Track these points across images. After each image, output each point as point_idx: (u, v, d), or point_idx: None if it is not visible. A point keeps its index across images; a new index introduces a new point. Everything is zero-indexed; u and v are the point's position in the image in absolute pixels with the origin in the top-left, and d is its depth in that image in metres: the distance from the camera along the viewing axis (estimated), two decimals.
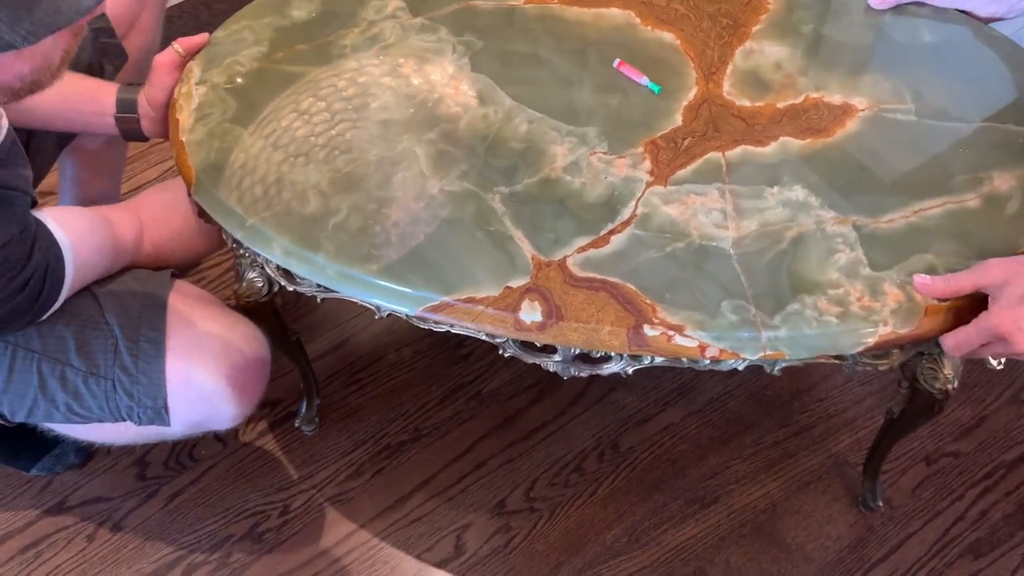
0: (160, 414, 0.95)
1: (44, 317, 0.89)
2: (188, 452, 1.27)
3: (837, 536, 1.20)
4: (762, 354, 0.81)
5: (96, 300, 0.94)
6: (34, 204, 0.87)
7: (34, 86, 0.72)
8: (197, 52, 1.04)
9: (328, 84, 1.02)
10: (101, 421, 0.96)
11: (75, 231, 0.89)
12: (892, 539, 1.20)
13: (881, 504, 1.21)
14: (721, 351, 0.81)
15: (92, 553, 1.19)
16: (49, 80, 0.73)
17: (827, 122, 0.99)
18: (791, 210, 0.90)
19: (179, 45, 1.02)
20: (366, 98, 1.00)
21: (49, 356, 0.92)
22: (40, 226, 0.85)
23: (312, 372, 1.22)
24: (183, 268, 1.11)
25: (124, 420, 0.96)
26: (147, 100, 1.01)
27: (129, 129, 1.03)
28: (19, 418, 0.96)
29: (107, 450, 1.26)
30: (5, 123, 0.81)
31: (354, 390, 1.33)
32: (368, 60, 1.04)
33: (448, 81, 1.02)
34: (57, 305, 0.89)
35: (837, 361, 0.87)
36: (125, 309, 0.94)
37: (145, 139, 1.05)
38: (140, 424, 0.96)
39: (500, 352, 0.93)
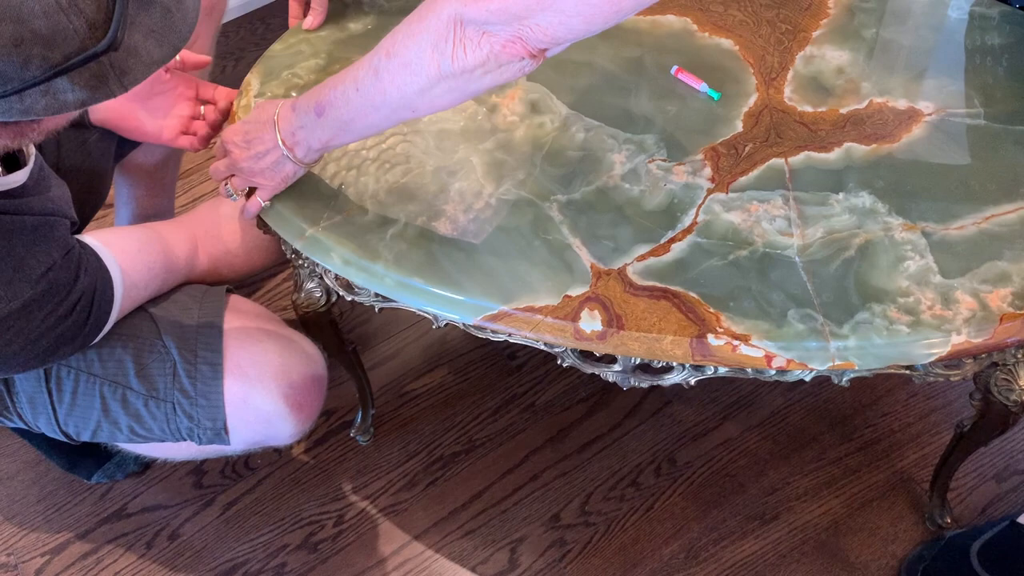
0: (220, 434, 0.95)
1: (96, 340, 0.90)
2: (244, 461, 1.28)
3: (903, 555, 1.16)
4: (831, 364, 0.79)
5: (153, 321, 0.95)
6: (74, 224, 0.87)
7: (56, 131, 0.72)
8: (193, 68, 1.04)
9: None
10: (163, 441, 0.97)
11: (123, 252, 0.90)
12: None
13: (949, 522, 1.16)
14: (788, 361, 0.79)
15: (150, 560, 1.20)
16: (65, 125, 0.73)
17: (892, 127, 0.97)
18: (857, 217, 0.88)
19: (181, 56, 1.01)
20: None
21: (110, 380, 0.93)
22: (85, 248, 0.85)
23: (368, 383, 1.22)
24: (240, 282, 1.12)
25: (185, 440, 0.96)
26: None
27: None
28: (84, 438, 0.98)
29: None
30: (33, 150, 0.83)
31: (408, 401, 1.33)
32: None
33: (503, 90, 1.02)
34: (108, 328, 0.90)
35: (907, 372, 0.84)
36: (182, 330, 0.95)
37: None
38: (201, 444, 0.96)
39: (558, 362, 0.91)
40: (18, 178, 0.79)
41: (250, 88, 1.04)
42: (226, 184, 0.93)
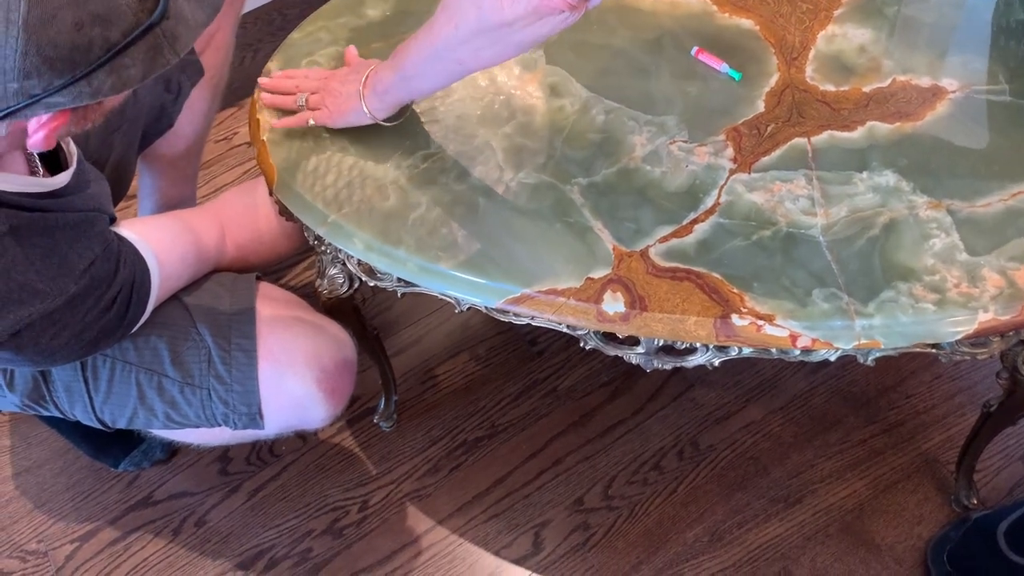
0: (255, 419, 0.96)
1: (134, 331, 0.91)
2: (269, 448, 1.29)
3: (929, 536, 1.16)
4: (856, 343, 0.78)
5: (186, 310, 0.96)
6: (112, 221, 0.89)
7: (114, 110, 0.74)
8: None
9: None
10: (198, 427, 0.98)
11: (159, 243, 0.91)
12: None
13: (976, 503, 1.16)
14: (813, 341, 0.78)
15: (178, 546, 1.21)
16: (122, 102, 0.75)
17: (916, 105, 0.96)
18: (882, 195, 0.87)
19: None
20: (443, 92, 1.00)
21: (146, 368, 0.94)
22: (123, 242, 0.86)
23: (390, 369, 1.23)
24: (265, 269, 1.13)
25: (220, 426, 0.97)
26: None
27: None
28: (120, 425, 0.99)
29: (189, 446, 1.29)
30: (75, 149, 0.84)
31: (430, 387, 1.34)
32: None
33: (522, 74, 1.02)
34: (145, 318, 0.91)
35: (933, 350, 0.84)
36: (215, 318, 0.96)
37: None
38: (236, 429, 0.97)
39: (581, 345, 0.92)
40: (62, 179, 0.81)
41: (270, 76, 1.04)
42: (304, 97, 0.97)
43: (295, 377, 0.95)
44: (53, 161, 0.84)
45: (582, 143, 0.94)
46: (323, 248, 0.97)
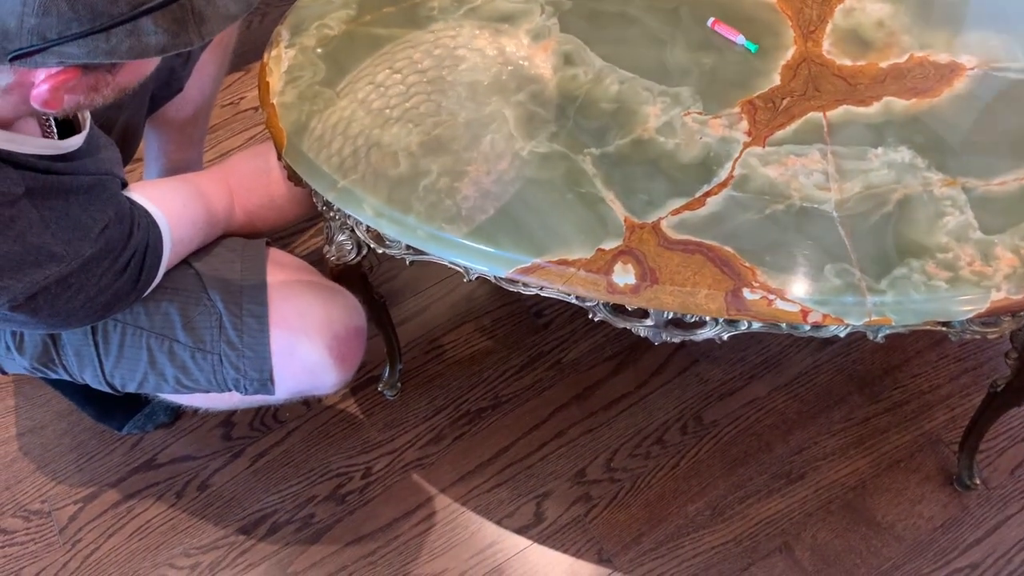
0: (266, 385, 0.96)
1: (145, 295, 0.91)
2: (273, 414, 1.29)
3: (930, 516, 1.16)
4: (867, 319, 0.78)
5: (198, 275, 0.95)
6: (124, 185, 0.88)
7: (127, 89, 0.74)
8: None
9: (418, 47, 1.01)
10: (208, 392, 0.98)
11: (170, 208, 0.90)
12: (988, 520, 1.15)
13: (978, 483, 1.16)
14: (824, 316, 0.78)
15: (181, 509, 1.22)
16: (136, 84, 0.75)
17: (933, 82, 0.95)
18: (896, 172, 0.87)
19: None
20: (454, 60, 0.99)
21: (156, 332, 0.94)
22: (135, 206, 0.86)
23: (396, 338, 1.22)
24: (272, 234, 1.12)
25: (231, 391, 0.97)
26: None
27: None
28: (129, 389, 0.99)
29: (194, 411, 1.29)
30: (87, 114, 0.83)
31: (435, 356, 1.33)
32: (456, 22, 1.03)
33: (536, 42, 1.01)
34: (156, 282, 0.91)
35: (943, 328, 0.83)
36: (226, 284, 0.95)
37: None
38: (246, 394, 0.97)
39: (589, 316, 0.91)
40: (74, 143, 0.81)
41: (280, 39, 1.03)
42: None
43: (308, 343, 0.95)
44: (66, 127, 0.84)
45: (595, 113, 0.94)
46: (332, 214, 0.97)
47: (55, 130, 0.83)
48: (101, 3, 0.60)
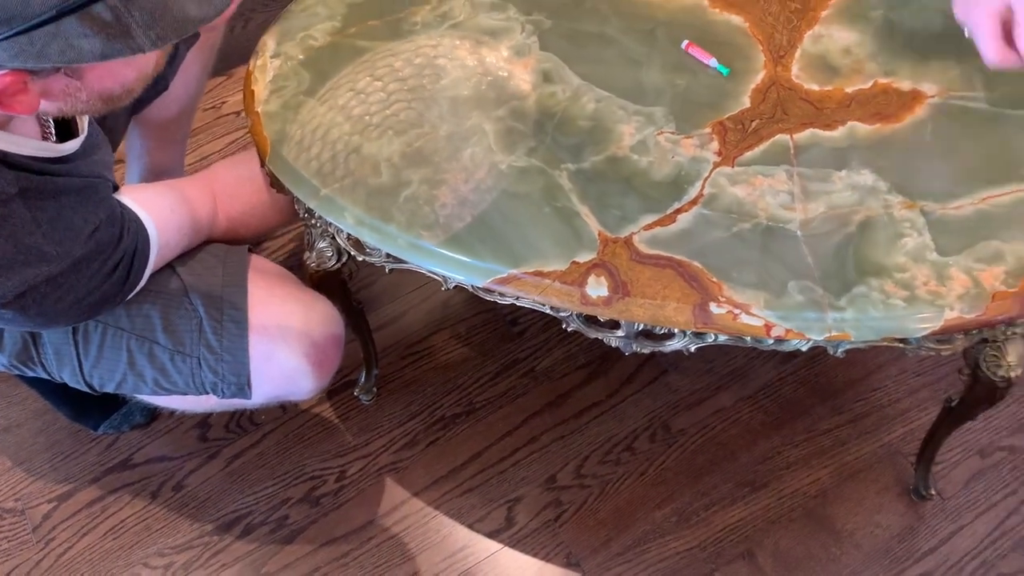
0: (243, 389, 0.98)
1: (129, 297, 0.92)
2: (249, 416, 1.30)
3: (887, 525, 1.20)
4: (827, 335, 0.82)
5: (180, 279, 0.97)
6: (115, 188, 0.90)
7: (127, 95, 0.72)
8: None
9: (399, 60, 1.04)
10: (186, 394, 1.00)
11: (158, 213, 0.92)
12: (942, 530, 1.20)
13: (934, 494, 1.20)
14: (787, 331, 0.82)
15: (155, 509, 1.23)
16: (140, 89, 0.73)
17: (896, 108, 0.99)
18: (859, 194, 0.90)
19: None
20: (436, 74, 1.02)
21: (137, 334, 0.95)
22: (125, 209, 0.88)
23: (372, 343, 1.25)
24: (253, 241, 1.14)
25: (208, 394, 0.99)
26: None
27: None
28: (107, 389, 1.00)
29: (171, 412, 1.30)
30: (86, 119, 0.84)
31: (410, 363, 1.36)
32: (438, 37, 1.06)
33: (516, 59, 1.04)
34: (141, 285, 0.92)
35: (900, 345, 0.87)
36: (208, 288, 0.97)
37: None
38: (223, 398, 0.99)
39: (563, 326, 0.94)
40: (71, 146, 0.82)
41: (266, 48, 1.05)
42: None
43: (286, 349, 0.97)
44: (65, 130, 0.85)
45: (572, 130, 0.97)
46: (313, 221, 0.99)
47: (54, 132, 0.84)
48: (12, 4, 0.57)
